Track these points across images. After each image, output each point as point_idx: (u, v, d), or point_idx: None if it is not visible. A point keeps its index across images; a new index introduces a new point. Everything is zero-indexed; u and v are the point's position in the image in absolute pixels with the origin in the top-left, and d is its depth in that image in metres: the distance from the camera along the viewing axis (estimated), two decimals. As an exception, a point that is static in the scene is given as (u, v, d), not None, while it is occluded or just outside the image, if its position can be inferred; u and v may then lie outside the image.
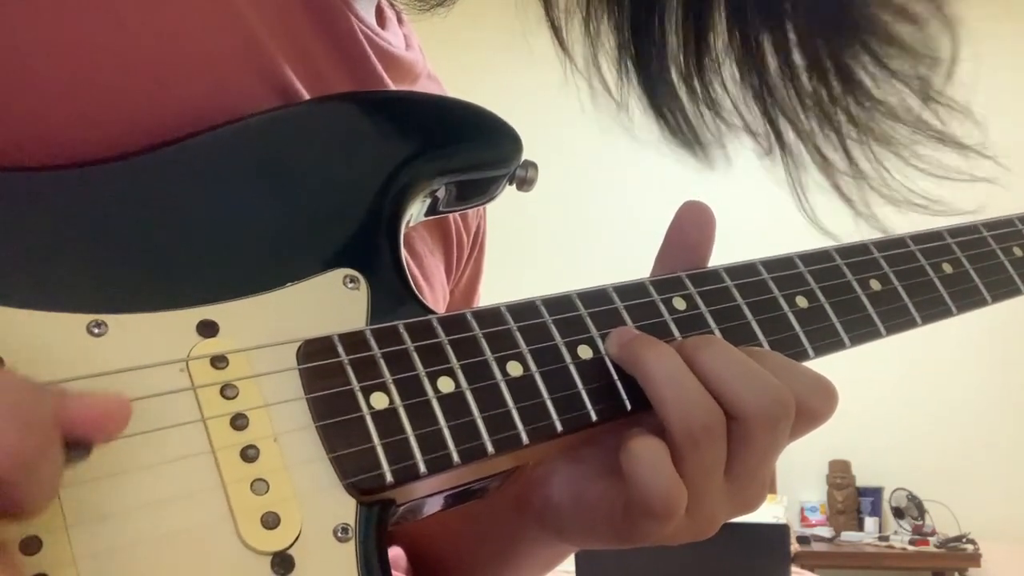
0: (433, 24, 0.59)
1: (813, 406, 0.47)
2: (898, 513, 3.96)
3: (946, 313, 0.57)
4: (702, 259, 0.52)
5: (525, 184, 0.53)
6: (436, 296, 0.60)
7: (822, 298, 0.53)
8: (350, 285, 0.45)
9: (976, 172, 0.59)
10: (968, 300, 0.58)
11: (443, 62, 0.69)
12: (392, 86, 0.57)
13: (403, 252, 0.48)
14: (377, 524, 0.40)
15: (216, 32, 0.47)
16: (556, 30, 0.58)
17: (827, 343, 0.52)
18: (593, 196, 4.00)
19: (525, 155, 0.53)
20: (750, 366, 0.45)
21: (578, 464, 0.50)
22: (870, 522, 3.95)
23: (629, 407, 0.46)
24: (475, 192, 0.53)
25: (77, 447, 0.33)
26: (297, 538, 0.38)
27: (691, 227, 0.52)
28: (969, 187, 0.58)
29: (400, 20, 0.64)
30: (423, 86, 0.62)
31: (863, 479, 4.00)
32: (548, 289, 0.49)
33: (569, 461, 0.50)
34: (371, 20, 0.58)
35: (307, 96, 0.50)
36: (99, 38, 0.43)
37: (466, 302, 0.68)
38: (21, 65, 0.42)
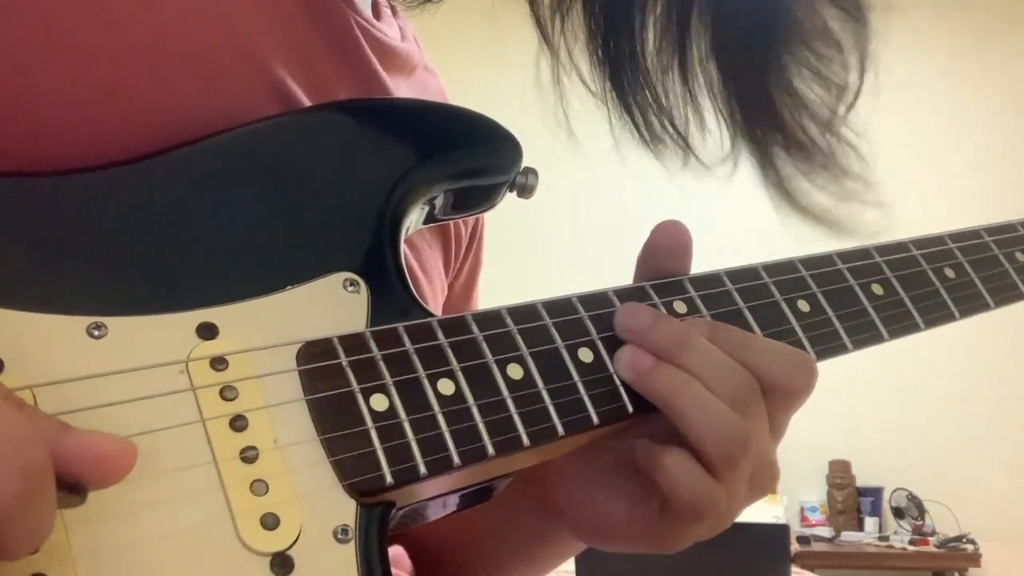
0: (433, 22, 0.59)
1: (794, 382, 0.47)
2: (898, 513, 3.96)
3: (949, 318, 0.57)
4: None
5: (525, 191, 0.53)
6: (435, 289, 0.60)
7: (824, 302, 0.53)
8: (350, 288, 0.45)
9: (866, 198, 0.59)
10: (971, 305, 0.58)
11: (444, 61, 0.69)
12: (387, 78, 0.56)
13: (403, 256, 0.48)
14: (377, 525, 0.40)
15: (210, 30, 0.47)
16: (540, 25, 0.58)
17: (829, 347, 0.52)
18: (595, 198, 3.99)
19: (525, 161, 0.53)
20: (721, 359, 0.46)
21: (598, 463, 0.50)
22: (870, 522, 3.95)
23: (631, 410, 0.46)
24: (476, 199, 0.53)
25: (74, 489, 0.31)
26: (297, 539, 0.38)
27: (663, 254, 0.51)
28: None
29: (395, 12, 0.64)
30: (419, 77, 0.62)
31: (863, 479, 4.00)
32: (549, 292, 0.48)
33: (588, 461, 0.50)
34: (367, 12, 0.57)
35: (301, 93, 0.50)
36: (94, 38, 0.43)
37: (465, 295, 0.68)
38: (17, 66, 0.42)
